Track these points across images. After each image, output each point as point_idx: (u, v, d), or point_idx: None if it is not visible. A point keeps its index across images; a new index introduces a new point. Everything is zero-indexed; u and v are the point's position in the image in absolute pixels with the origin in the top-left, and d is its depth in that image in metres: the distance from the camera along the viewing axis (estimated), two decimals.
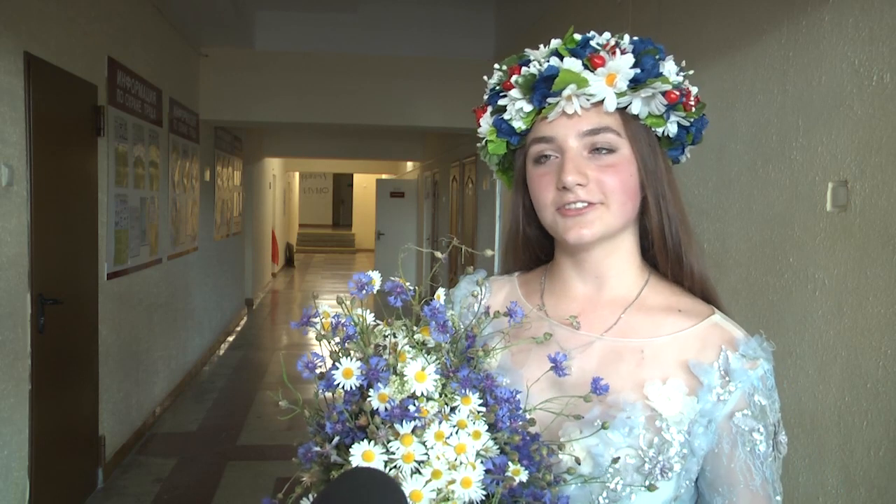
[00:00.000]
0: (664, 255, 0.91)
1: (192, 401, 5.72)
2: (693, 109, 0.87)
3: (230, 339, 8.25)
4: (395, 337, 0.77)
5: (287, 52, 6.18)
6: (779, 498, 0.85)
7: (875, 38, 1.84)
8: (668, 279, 0.93)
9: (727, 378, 0.84)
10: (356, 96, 6.27)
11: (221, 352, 7.57)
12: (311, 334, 0.78)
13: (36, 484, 3.12)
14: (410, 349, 0.75)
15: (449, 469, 0.67)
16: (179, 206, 5.65)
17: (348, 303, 0.78)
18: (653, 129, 0.88)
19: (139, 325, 4.73)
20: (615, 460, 0.79)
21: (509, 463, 0.69)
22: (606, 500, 0.80)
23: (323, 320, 0.77)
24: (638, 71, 0.84)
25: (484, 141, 0.94)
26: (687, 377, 0.84)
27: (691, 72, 0.89)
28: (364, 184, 21.00)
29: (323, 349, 0.78)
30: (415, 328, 0.78)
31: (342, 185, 24.31)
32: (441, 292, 0.81)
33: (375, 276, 0.78)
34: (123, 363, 4.39)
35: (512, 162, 0.96)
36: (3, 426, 2.87)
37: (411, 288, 0.79)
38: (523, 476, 0.69)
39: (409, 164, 14.23)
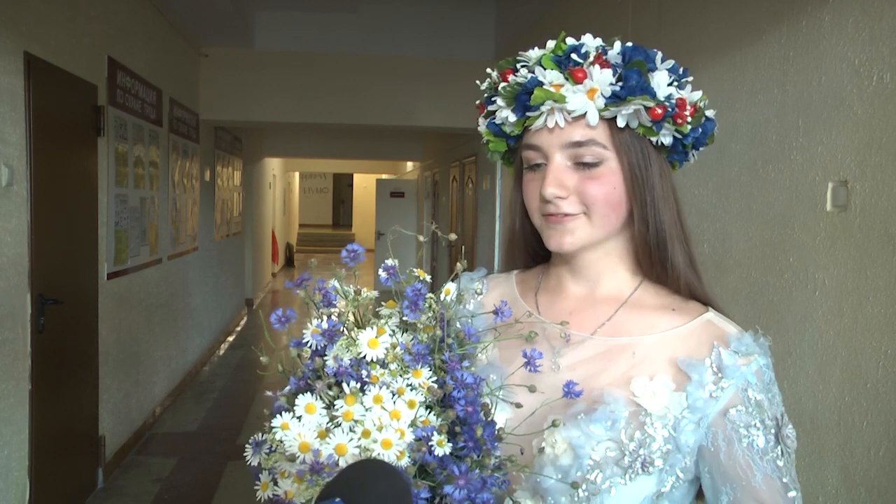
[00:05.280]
0: (648, 261, 0.91)
1: (192, 401, 5.72)
2: (688, 121, 0.84)
3: (230, 339, 8.25)
4: (389, 318, 0.81)
5: (287, 52, 6.18)
6: (793, 493, 0.82)
7: (875, 38, 1.84)
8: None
9: (720, 374, 0.83)
10: (356, 96, 6.27)
11: (221, 352, 7.57)
12: (306, 318, 0.82)
13: (36, 484, 3.12)
14: (391, 326, 0.79)
15: (377, 430, 0.71)
16: (179, 206, 5.65)
17: (344, 273, 0.84)
18: (646, 138, 0.85)
19: (139, 325, 4.73)
20: (573, 485, 0.79)
21: (435, 433, 0.72)
22: (586, 493, 0.80)
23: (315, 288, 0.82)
24: (618, 88, 0.81)
25: (485, 139, 0.96)
26: (675, 373, 0.84)
27: (690, 78, 0.86)
28: (364, 184, 20.98)
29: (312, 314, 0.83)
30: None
31: (342, 185, 24.29)
32: (452, 287, 0.82)
33: (396, 262, 0.82)
34: (123, 363, 4.39)
35: (514, 155, 0.96)
36: (3, 426, 2.87)
37: (426, 277, 0.81)
38: (446, 448, 0.71)
39: (409, 164, 14.22)
